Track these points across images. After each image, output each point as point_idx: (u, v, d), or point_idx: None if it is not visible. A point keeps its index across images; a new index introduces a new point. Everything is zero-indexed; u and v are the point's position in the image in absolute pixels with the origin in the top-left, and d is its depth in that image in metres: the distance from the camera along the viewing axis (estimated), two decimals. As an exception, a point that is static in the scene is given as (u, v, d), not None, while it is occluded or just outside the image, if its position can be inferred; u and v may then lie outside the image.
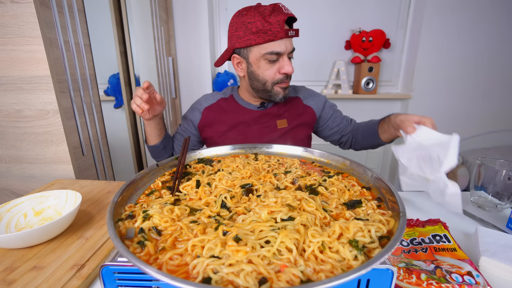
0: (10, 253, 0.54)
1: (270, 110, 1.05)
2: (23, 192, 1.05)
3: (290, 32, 0.87)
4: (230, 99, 1.08)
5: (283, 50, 0.88)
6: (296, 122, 1.05)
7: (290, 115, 1.05)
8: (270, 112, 1.04)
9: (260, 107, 1.04)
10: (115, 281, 0.37)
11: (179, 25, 2.08)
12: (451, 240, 0.57)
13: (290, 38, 0.89)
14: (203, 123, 1.07)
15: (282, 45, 0.88)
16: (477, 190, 0.80)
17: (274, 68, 0.92)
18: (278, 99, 0.98)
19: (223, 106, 1.07)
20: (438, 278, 0.45)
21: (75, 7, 1.02)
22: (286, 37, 0.87)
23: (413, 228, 0.64)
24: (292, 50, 0.92)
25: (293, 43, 0.93)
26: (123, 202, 0.50)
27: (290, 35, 0.88)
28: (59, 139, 0.97)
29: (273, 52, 0.88)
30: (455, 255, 0.52)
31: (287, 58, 0.91)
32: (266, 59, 0.90)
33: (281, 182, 0.58)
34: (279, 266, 0.33)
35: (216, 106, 1.07)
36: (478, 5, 2.06)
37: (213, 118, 1.06)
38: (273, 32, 0.85)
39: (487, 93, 2.28)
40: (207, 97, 1.10)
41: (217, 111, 1.06)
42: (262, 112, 1.04)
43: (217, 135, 1.04)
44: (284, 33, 0.86)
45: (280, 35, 0.86)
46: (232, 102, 1.08)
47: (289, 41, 0.90)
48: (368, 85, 2.21)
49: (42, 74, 0.90)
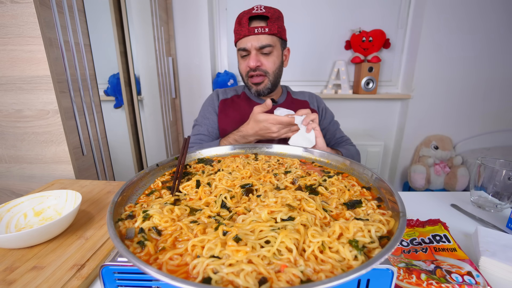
0: (10, 253, 0.54)
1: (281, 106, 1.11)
2: (23, 192, 1.05)
3: (257, 30, 0.96)
4: (242, 95, 1.19)
5: (248, 46, 1.00)
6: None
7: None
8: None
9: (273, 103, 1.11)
10: (115, 281, 0.37)
11: (179, 25, 2.08)
12: (451, 240, 0.57)
13: (257, 35, 0.98)
14: (221, 110, 1.16)
15: (247, 42, 0.99)
16: (477, 190, 0.80)
17: (244, 63, 1.05)
18: (252, 92, 1.10)
19: (236, 102, 1.17)
20: (438, 278, 0.45)
21: (75, 7, 1.02)
22: (250, 35, 0.98)
23: (413, 228, 0.64)
24: (263, 46, 0.99)
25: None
26: (123, 202, 0.50)
27: (256, 32, 0.97)
28: (59, 139, 0.97)
29: (240, 48, 1.02)
30: (455, 255, 0.52)
31: (253, 53, 1.01)
32: (240, 54, 1.05)
33: (281, 182, 0.58)
34: (279, 266, 0.33)
35: (230, 102, 1.17)
36: (479, 5, 2.06)
37: (228, 113, 1.14)
38: (239, 31, 1.00)
39: (487, 93, 2.28)
40: (221, 92, 1.20)
41: (232, 106, 1.15)
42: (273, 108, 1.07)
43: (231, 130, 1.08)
44: (247, 31, 0.97)
45: (243, 33, 0.98)
46: (245, 98, 1.18)
47: (256, 38, 0.98)
48: (368, 85, 2.21)
49: (42, 74, 0.90)
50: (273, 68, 1.05)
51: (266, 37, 0.99)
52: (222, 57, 2.37)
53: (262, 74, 1.04)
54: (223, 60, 2.38)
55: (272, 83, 1.08)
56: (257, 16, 0.99)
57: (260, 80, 1.05)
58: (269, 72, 1.05)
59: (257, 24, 0.98)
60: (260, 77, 1.05)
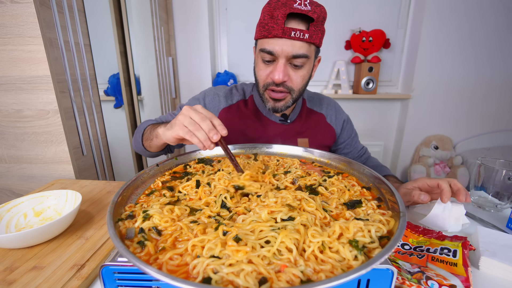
0: (10, 253, 0.54)
1: (293, 126, 0.94)
2: (23, 192, 1.05)
3: (295, 33, 0.70)
4: (250, 102, 0.95)
5: (277, 51, 0.73)
6: (317, 142, 0.96)
7: (312, 133, 0.96)
8: (292, 128, 0.94)
9: (282, 120, 0.93)
10: (115, 281, 0.37)
11: (179, 25, 2.08)
12: (458, 256, 0.51)
13: (292, 39, 0.72)
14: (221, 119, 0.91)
15: (276, 45, 0.73)
16: (477, 190, 0.80)
17: (267, 70, 0.79)
18: (268, 106, 0.85)
19: (243, 112, 0.93)
20: (411, 278, 0.44)
21: (75, 7, 1.02)
22: (284, 37, 0.71)
23: (429, 239, 0.58)
24: (297, 56, 0.74)
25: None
26: (123, 202, 0.50)
27: (293, 36, 0.71)
28: (59, 139, 0.97)
29: (265, 50, 0.75)
30: (452, 269, 0.48)
31: (282, 63, 0.75)
32: (261, 57, 0.78)
33: (281, 182, 0.58)
34: (279, 266, 0.33)
35: (235, 110, 0.93)
36: (478, 5, 2.06)
37: (231, 123, 0.91)
38: (269, 27, 0.72)
39: (487, 93, 2.28)
40: (226, 94, 0.95)
41: (237, 116, 0.93)
42: (284, 127, 0.93)
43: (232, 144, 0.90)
44: (281, 31, 0.70)
45: (274, 32, 0.71)
46: (253, 108, 0.94)
47: (291, 43, 0.72)
48: (368, 85, 2.21)
49: (42, 74, 0.90)
50: (300, 84, 0.81)
51: (303, 46, 0.73)
52: (222, 57, 2.37)
53: (285, 91, 0.80)
54: (223, 60, 2.38)
55: (294, 100, 0.84)
56: (297, 14, 0.71)
57: (281, 96, 0.81)
58: (295, 90, 0.81)
59: (295, 26, 0.72)
60: (282, 93, 0.81)
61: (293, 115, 0.95)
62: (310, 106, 0.99)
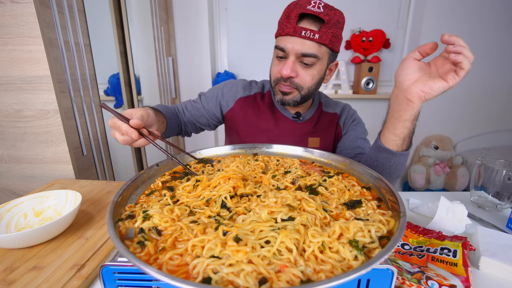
0: (10, 253, 0.54)
1: (305, 124, 0.97)
2: (23, 192, 1.05)
3: (305, 32, 0.76)
4: (267, 96, 1.00)
5: (288, 48, 0.80)
6: (327, 142, 0.98)
7: (323, 133, 0.98)
8: (304, 126, 0.97)
9: (295, 117, 0.96)
10: (115, 281, 0.37)
11: (179, 25, 2.08)
12: (458, 256, 0.51)
13: (302, 38, 0.78)
14: (233, 114, 0.99)
15: (287, 42, 0.80)
16: (477, 190, 0.80)
17: (279, 66, 0.85)
18: (276, 98, 0.90)
19: (259, 104, 0.99)
20: (411, 279, 0.44)
21: (75, 7, 1.02)
22: (295, 35, 0.77)
23: (429, 239, 0.59)
24: (306, 55, 0.79)
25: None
26: (123, 202, 0.50)
27: (303, 35, 0.77)
28: (59, 139, 0.97)
29: (278, 46, 0.82)
30: (452, 269, 0.48)
31: (291, 60, 0.81)
32: (276, 53, 0.85)
33: (281, 182, 0.58)
34: (279, 266, 0.33)
35: (251, 101, 0.99)
36: (478, 5, 2.06)
37: (246, 113, 0.98)
38: (284, 26, 0.79)
39: (487, 93, 2.28)
40: (245, 85, 1.02)
41: (252, 107, 0.98)
42: (296, 125, 0.96)
43: (244, 132, 0.98)
44: (292, 30, 0.77)
45: (287, 31, 0.78)
46: (269, 101, 0.99)
47: (301, 41, 0.78)
48: (368, 85, 2.21)
49: (42, 74, 0.90)
50: (310, 83, 0.85)
51: (313, 45, 0.78)
52: (222, 57, 2.37)
53: (292, 87, 0.85)
54: (223, 60, 2.38)
55: (303, 97, 0.88)
56: (310, 15, 0.77)
57: (288, 90, 0.86)
58: (303, 87, 0.85)
59: (307, 25, 0.78)
60: (289, 87, 0.86)
61: (307, 115, 0.98)
62: (325, 109, 1.02)
